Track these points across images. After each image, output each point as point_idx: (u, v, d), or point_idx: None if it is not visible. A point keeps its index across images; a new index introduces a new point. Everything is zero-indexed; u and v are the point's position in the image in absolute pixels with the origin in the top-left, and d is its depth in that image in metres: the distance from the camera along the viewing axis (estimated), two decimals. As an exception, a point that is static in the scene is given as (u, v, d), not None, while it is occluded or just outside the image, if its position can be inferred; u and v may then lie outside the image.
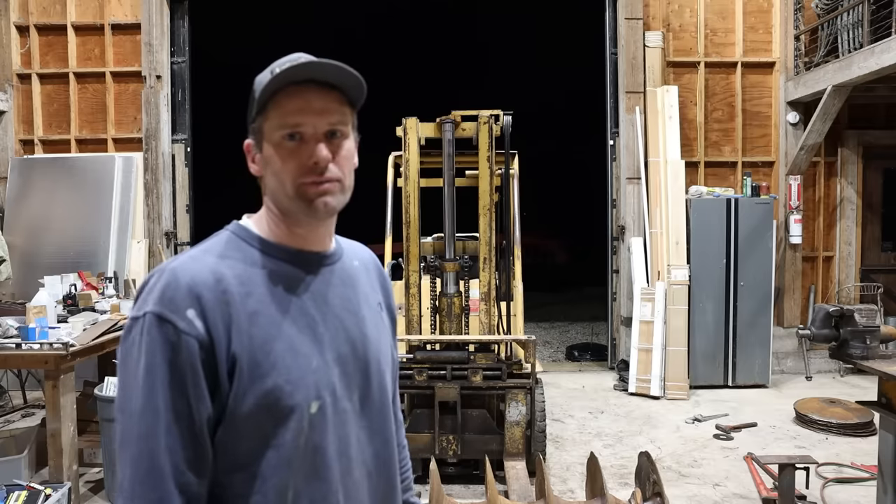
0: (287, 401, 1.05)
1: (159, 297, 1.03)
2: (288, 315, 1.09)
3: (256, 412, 1.04)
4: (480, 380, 4.15)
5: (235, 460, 1.05)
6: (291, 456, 1.06)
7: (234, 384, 1.03)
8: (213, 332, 1.02)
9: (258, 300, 1.07)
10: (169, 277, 1.04)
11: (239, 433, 1.04)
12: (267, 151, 1.11)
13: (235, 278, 1.07)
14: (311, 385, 1.08)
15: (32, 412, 5.63)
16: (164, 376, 1.00)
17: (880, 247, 7.42)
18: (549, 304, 12.65)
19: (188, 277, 1.04)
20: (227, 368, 1.03)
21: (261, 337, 1.05)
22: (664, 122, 6.73)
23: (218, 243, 1.13)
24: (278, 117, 1.09)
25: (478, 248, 4.50)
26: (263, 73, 1.12)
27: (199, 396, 1.01)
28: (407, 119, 4.48)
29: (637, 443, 4.96)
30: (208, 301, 1.03)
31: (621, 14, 7.00)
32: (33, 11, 7.03)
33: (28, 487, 3.34)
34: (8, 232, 6.60)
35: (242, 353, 1.03)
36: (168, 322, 1.01)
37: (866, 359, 3.19)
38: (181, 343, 1.00)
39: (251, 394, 1.03)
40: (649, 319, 6.41)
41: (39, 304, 3.79)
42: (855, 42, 6.06)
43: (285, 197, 1.11)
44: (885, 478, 3.17)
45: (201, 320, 1.02)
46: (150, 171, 6.86)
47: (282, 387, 1.05)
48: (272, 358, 1.05)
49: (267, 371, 1.04)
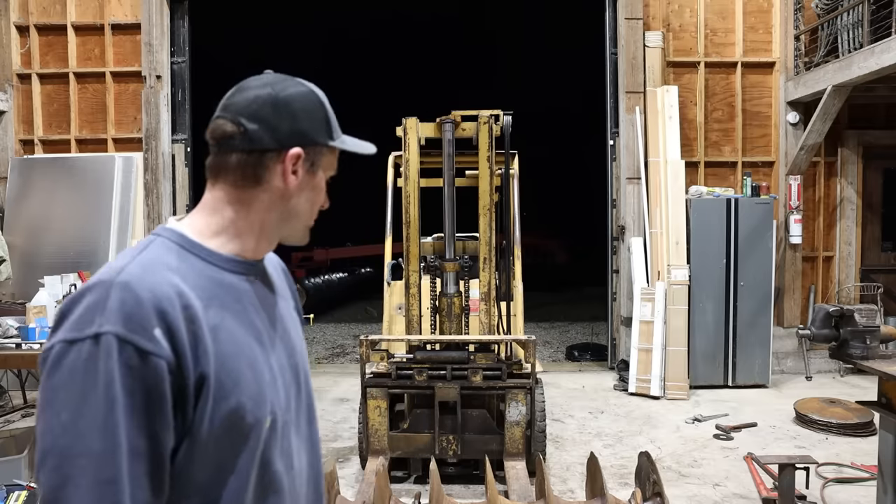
0: (248, 419, 1.00)
1: (117, 315, 0.90)
2: (241, 328, 1.05)
3: (219, 434, 0.98)
4: (480, 380, 4.15)
5: (191, 486, 0.98)
6: (249, 472, 1.02)
7: (199, 406, 0.96)
8: (180, 352, 0.93)
9: (216, 314, 1.01)
10: (123, 293, 0.92)
11: (198, 458, 0.97)
12: (319, 181, 1.14)
13: (192, 291, 0.98)
14: (266, 400, 1.04)
15: (32, 412, 5.63)
16: (126, 409, 0.88)
17: (880, 247, 7.42)
18: (549, 304, 12.64)
19: (147, 292, 0.93)
20: (194, 391, 0.95)
21: (223, 354, 0.99)
22: (664, 122, 6.73)
23: (160, 253, 1.02)
24: (333, 161, 1.16)
25: (478, 248, 4.50)
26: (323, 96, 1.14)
27: (165, 427, 0.93)
28: (407, 119, 4.48)
29: (637, 443, 4.96)
30: (173, 318, 0.93)
31: (621, 14, 6.99)
32: (33, 11, 7.04)
33: (28, 487, 3.34)
34: (8, 232, 6.60)
35: (209, 372, 0.96)
36: (129, 344, 0.89)
37: (866, 359, 3.19)
38: (147, 367, 0.90)
39: (216, 415, 0.97)
40: (649, 319, 6.41)
41: (39, 304, 3.80)
42: (855, 42, 6.06)
43: (305, 223, 1.16)
44: (885, 478, 3.17)
45: (168, 340, 0.92)
46: (150, 171, 6.86)
47: (244, 404, 1.00)
48: (234, 375, 1.00)
49: (230, 389, 0.98)
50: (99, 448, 0.87)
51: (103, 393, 0.88)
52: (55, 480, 0.87)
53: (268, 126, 1.06)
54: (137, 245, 1.05)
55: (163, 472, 0.94)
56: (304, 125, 1.09)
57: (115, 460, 0.88)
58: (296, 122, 1.08)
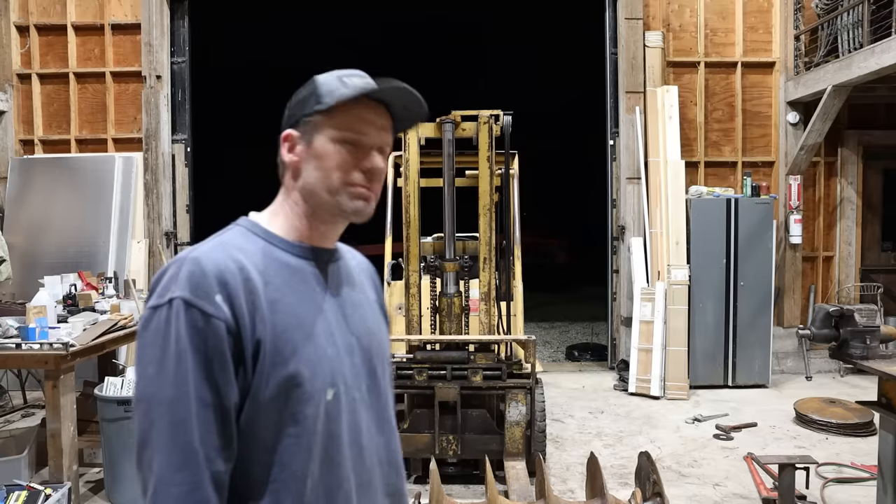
0: (307, 386, 1.08)
1: (186, 283, 1.04)
2: (303, 305, 1.13)
3: (277, 397, 1.06)
4: (480, 380, 4.15)
5: (256, 446, 1.07)
6: (311, 442, 1.09)
7: (258, 369, 1.06)
8: (238, 317, 1.05)
9: (276, 290, 1.11)
10: (192, 265, 1.06)
11: (260, 419, 1.07)
12: (321, 147, 1.16)
13: (254, 267, 1.10)
14: (328, 372, 1.12)
15: (32, 412, 5.63)
16: (193, 363, 1.02)
17: (880, 247, 7.42)
18: (549, 304, 12.65)
19: (212, 265, 1.06)
20: (252, 354, 1.06)
21: (281, 324, 1.08)
22: (664, 122, 6.73)
23: (232, 236, 1.16)
24: (347, 121, 1.15)
25: (478, 248, 4.50)
26: (327, 76, 1.19)
27: (227, 382, 1.04)
28: (407, 119, 4.46)
29: (637, 443, 4.96)
30: (234, 287, 1.05)
31: (621, 14, 6.99)
32: (33, 11, 7.03)
33: (28, 487, 3.34)
34: (8, 232, 6.60)
35: (265, 339, 1.06)
36: (195, 308, 1.03)
37: (866, 359, 3.19)
38: (210, 328, 1.03)
39: (273, 379, 1.06)
40: (649, 319, 6.41)
41: (39, 304, 3.79)
42: (855, 42, 6.05)
43: (326, 191, 1.16)
44: (885, 478, 3.17)
45: (228, 306, 1.04)
46: (150, 171, 6.86)
47: (301, 372, 1.08)
48: (292, 345, 1.08)
49: (288, 357, 1.07)
50: (171, 395, 1.01)
51: (175, 348, 1.02)
52: (144, 424, 1.03)
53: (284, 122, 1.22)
54: (218, 232, 1.19)
55: (228, 423, 1.04)
56: (296, 109, 1.19)
57: (184, 405, 1.01)
58: (290, 111, 1.20)
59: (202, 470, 1.01)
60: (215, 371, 1.03)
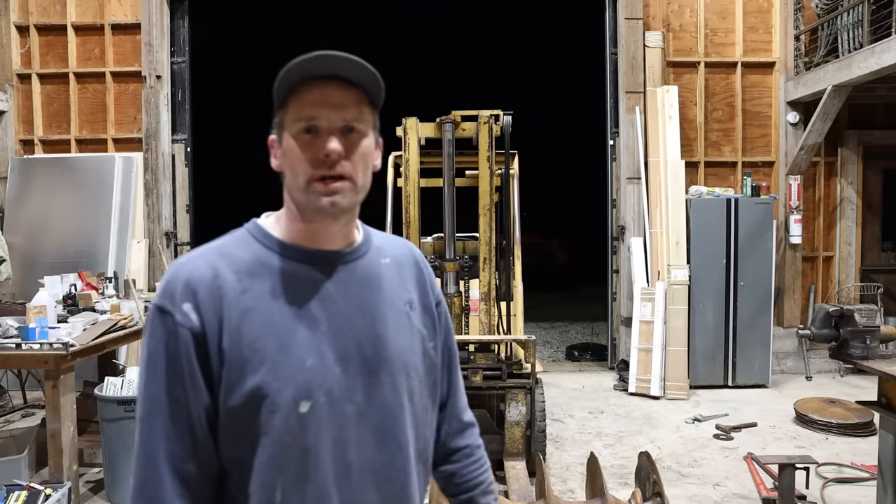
0: (274, 398, 1.06)
1: (162, 290, 1.10)
2: (285, 313, 1.10)
3: (244, 408, 1.06)
4: (480, 380, 4.15)
5: (234, 452, 1.09)
6: (277, 454, 1.06)
7: (224, 379, 1.07)
8: (206, 325, 1.07)
9: (255, 297, 1.09)
10: (171, 272, 1.11)
11: (232, 427, 1.07)
12: (285, 144, 1.12)
13: (235, 275, 1.10)
14: (302, 383, 1.07)
15: (32, 412, 5.63)
16: (163, 364, 1.06)
17: (880, 247, 7.41)
18: (549, 304, 12.65)
19: (186, 273, 1.10)
20: (218, 363, 1.07)
21: (252, 334, 1.07)
22: (664, 122, 6.73)
23: (229, 241, 1.17)
24: (296, 110, 1.10)
25: (478, 248, 4.50)
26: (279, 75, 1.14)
27: (194, 387, 1.06)
28: (407, 119, 4.47)
29: (637, 443, 4.96)
30: (203, 296, 1.07)
31: (621, 14, 6.99)
32: (33, 11, 7.03)
33: (28, 487, 3.34)
34: (8, 232, 6.60)
35: (231, 348, 1.06)
36: (168, 314, 1.07)
37: (866, 359, 3.18)
38: (178, 334, 1.06)
39: (239, 389, 1.06)
40: (649, 319, 6.41)
41: (39, 304, 3.79)
42: (855, 42, 6.05)
43: (297, 190, 1.12)
44: (885, 478, 3.17)
45: (196, 314, 1.07)
46: (150, 171, 6.86)
47: (268, 383, 1.06)
48: (262, 355, 1.07)
49: (256, 367, 1.06)
50: (142, 391, 1.08)
51: (150, 349, 1.08)
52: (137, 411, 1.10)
53: None
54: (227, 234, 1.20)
55: (197, 428, 1.07)
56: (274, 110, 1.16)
57: (150, 403, 1.07)
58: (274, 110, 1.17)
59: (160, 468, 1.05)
60: (183, 375, 1.06)
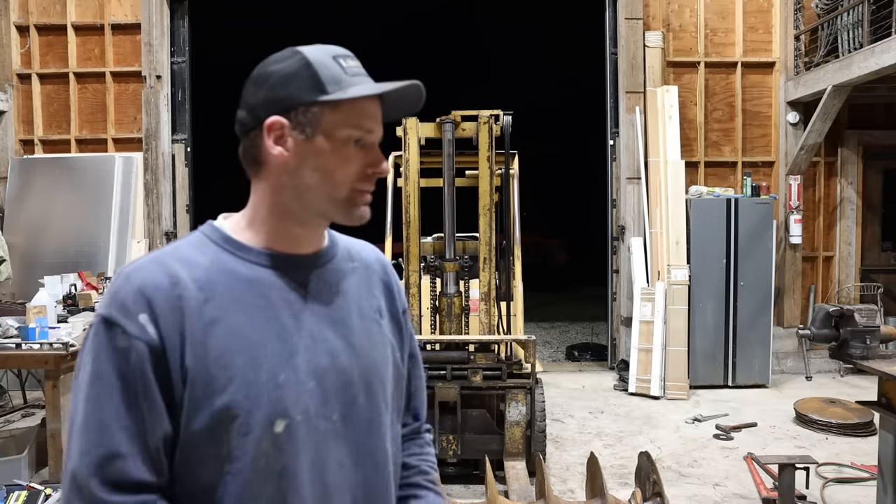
0: (245, 418, 0.95)
1: (110, 300, 0.96)
2: (254, 324, 0.99)
3: (211, 430, 0.95)
4: (480, 380, 4.15)
5: (195, 484, 0.96)
6: (250, 481, 0.96)
7: (187, 398, 0.94)
8: (165, 339, 0.94)
9: (219, 307, 0.97)
10: (122, 281, 0.97)
11: (195, 455, 0.96)
12: (322, 145, 1.00)
13: (194, 283, 0.98)
14: (276, 401, 0.97)
15: (32, 412, 5.63)
16: (115, 387, 0.92)
17: (880, 247, 7.41)
18: (549, 304, 12.64)
19: (140, 280, 0.96)
20: (180, 379, 0.94)
21: (219, 348, 0.96)
22: (664, 122, 6.73)
23: (185, 245, 1.04)
24: (354, 118, 1.01)
25: (478, 248, 4.50)
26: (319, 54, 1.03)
27: (152, 410, 0.93)
28: (407, 119, 4.47)
29: (637, 443, 4.96)
30: (161, 306, 0.95)
31: (621, 14, 6.99)
32: (33, 11, 7.03)
33: (28, 487, 3.34)
34: (8, 232, 6.60)
35: (196, 365, 0.94)
36: (118, 326, 0.93)
37: (866, 359, 3.18)
38: (131, 349, 0.93)
39: (206, 410, 0.94)
40: (649, 319, 6.41)
41: (39, 304, 3.79)
42: (855, 42, 6.05)
43: (327, 196, 1.02)
44: (885, 478, 3.17)
45: (153, 326, 0.94)
46: (150, 171, 6.86)
47: (238, 402, 0.95)
48: (230, 371, 0.95)
49: (223, 386, 0.95)
50: (81, 421, 0.93)
51: (94, 369, 0.94)
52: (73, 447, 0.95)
53: (247, 105, 1.05)
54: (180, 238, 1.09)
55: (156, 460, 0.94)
56: (280, 92, 1.01)
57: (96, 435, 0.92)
58: (272, 92, 1.01)
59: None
60: (138, 397, 0.92)
